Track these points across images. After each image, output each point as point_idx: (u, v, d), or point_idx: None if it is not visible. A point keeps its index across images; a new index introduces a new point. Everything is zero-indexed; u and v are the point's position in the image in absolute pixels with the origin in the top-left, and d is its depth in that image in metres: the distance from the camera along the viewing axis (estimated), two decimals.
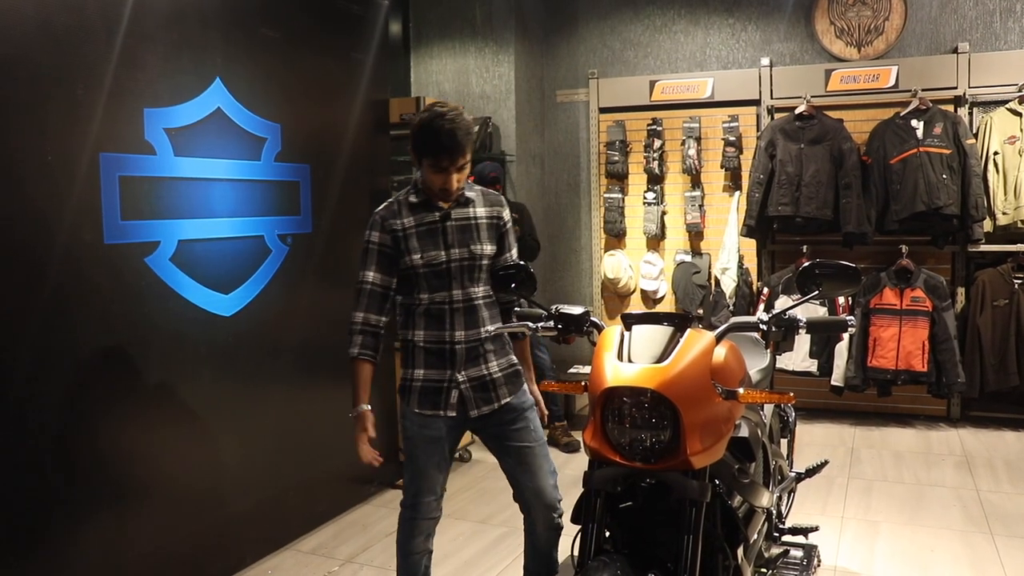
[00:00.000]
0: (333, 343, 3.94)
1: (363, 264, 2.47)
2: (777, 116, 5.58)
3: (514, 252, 2.62)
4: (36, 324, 2.59)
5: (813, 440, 5.10)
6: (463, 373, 2.45)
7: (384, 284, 2.46)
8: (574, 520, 2.10)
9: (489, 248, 2.51)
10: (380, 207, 2.51)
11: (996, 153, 5.06)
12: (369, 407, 2.45)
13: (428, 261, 2.42)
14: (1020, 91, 5.07)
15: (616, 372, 1.94)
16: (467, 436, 2.95)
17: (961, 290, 5.33)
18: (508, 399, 2.52)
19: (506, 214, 2.58)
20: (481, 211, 2.52)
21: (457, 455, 4.75)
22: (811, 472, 3.21)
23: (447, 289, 2.45)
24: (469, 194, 2.52)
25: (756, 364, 2.81)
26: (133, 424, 2.92)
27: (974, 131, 5.21)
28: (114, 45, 2.80)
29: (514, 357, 2.59)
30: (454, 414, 2.45)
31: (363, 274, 2.47)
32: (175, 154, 3.04)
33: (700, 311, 5.73)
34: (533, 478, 2.52)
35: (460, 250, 2.45)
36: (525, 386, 2.61)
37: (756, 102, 5.74)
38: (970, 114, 5.28)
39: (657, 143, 5.91)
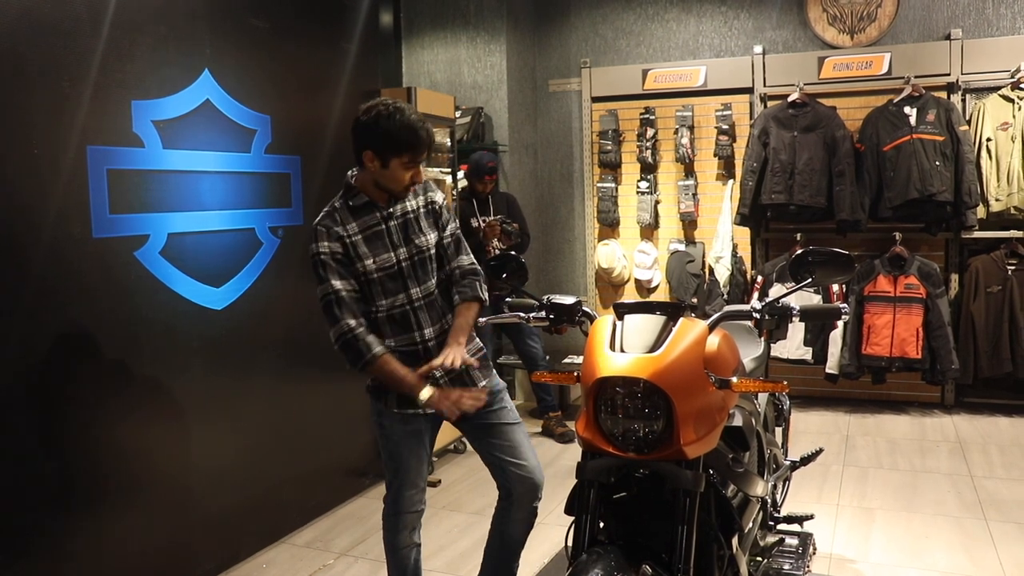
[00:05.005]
0: (326, 335, 3.93)
1: (322, 277, 2.35)
2: (770, 104, 5.56)
3: (452, 227, 2.55)
4: (24, 319, 2.56)
5: (808, 428, 5.11)
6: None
7: (352, 288, 2.37)
8: (567, 511, 2.09)
9: (432, 236, 2.49)
10: (320, 216, 2.41)
11: (989, 140, 5.05)
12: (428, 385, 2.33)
13: (381, 265, 2.39)
14: (1013, 77, 5.06)
15: (608, 362, 1.93)
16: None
17: (955, 277, 5.34)
18: (482, 383, 2.52)
19: (438, 196, 2.54)
20: (414, 203, 2.49)
21: (452, 447, 4.74)
22: (806, 460, 3.22)
23: (405, 290, 2.43)
24: None
25: (750, 353, 2.80)
26: (124, 419, 2.91)
27: (967, 118, 5.19)
28: (100, 37, 2.77)
29: (478, 341, 2.59)
30: (433, 410, 2.44)
31: (327, 286, 2.34)
32: (164, 147, 3.02)
33: (694, 300, 5.72)
34: (518, 455, 2.51)
35: (407, 248, 2.43)
36: (492, 368, 2.61)
37: (749, 90, 5.73)
38: (963, 101, 5.27)
39: (650, 132, 5.90)
